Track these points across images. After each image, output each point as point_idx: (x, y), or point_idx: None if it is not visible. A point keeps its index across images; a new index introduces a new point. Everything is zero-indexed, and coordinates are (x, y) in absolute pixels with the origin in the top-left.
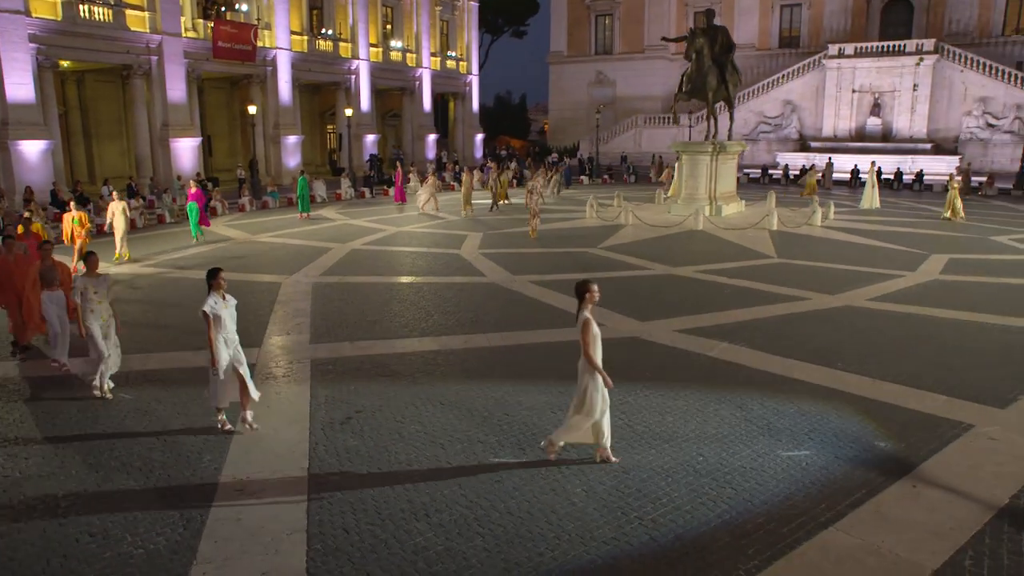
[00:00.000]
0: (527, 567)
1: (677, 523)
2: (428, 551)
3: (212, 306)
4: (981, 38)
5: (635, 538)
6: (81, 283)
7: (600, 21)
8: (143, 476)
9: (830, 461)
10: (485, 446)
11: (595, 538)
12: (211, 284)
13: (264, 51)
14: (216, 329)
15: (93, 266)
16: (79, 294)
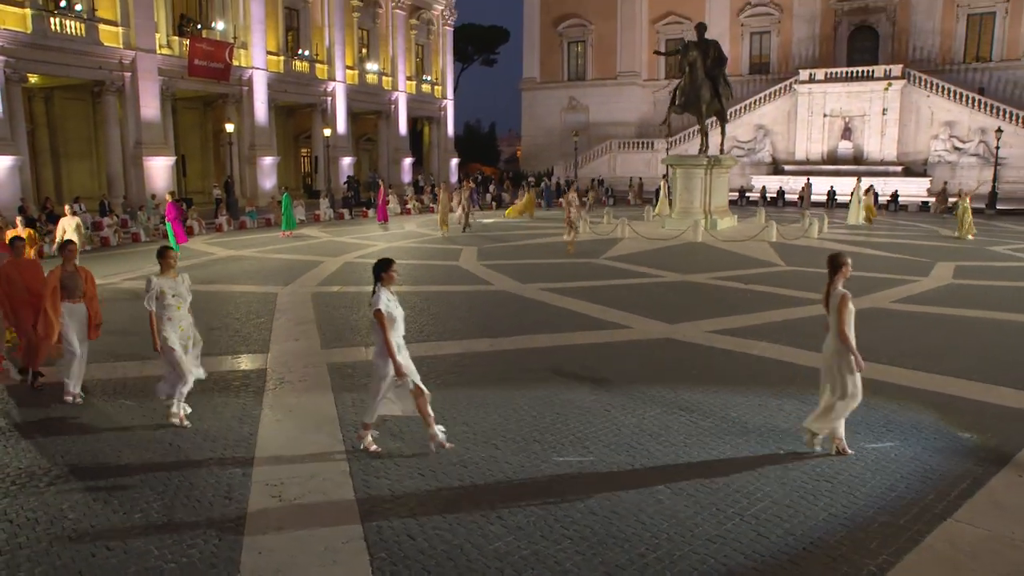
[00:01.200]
0: (631, 570)
1: (782, 518)
2: (512, 556)
3: (386, 304)
4: (943, 65)
5: (741, 535)
6: (157, 285)
7: (572, 48)
8: (160, 487)
9: (919, 452)
10: (543, 445)
11: (696, 536)
12: (381, 277)
13: (240, 70)
14: (392, 331)
15: (169, 265)
16: (153, 299)
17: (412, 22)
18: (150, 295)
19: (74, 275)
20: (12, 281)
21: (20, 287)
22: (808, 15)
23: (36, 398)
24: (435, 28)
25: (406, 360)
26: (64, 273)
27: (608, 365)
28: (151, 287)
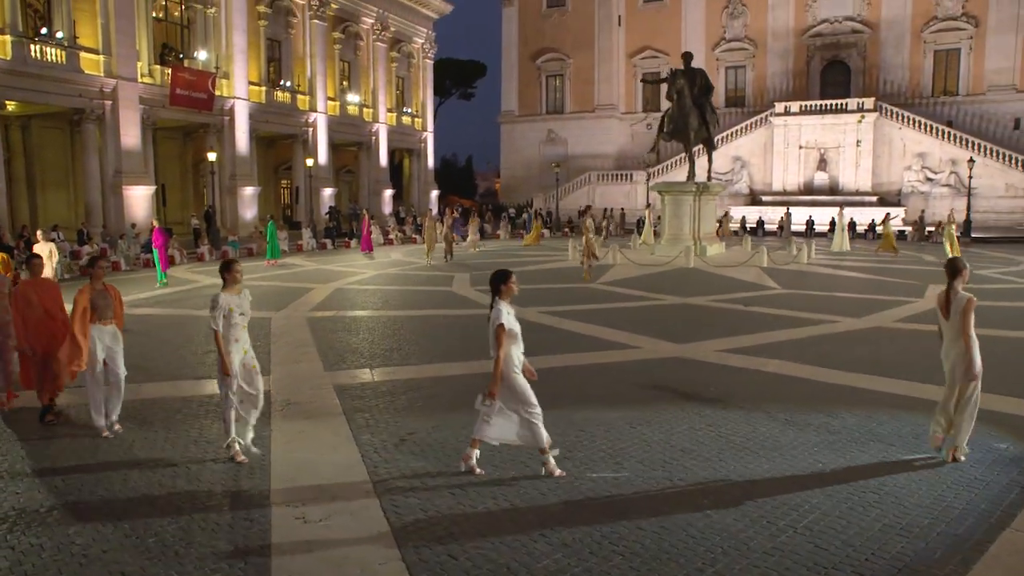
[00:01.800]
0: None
1: (836, 529)
2: (564, 574)
3: (507, 317)
4: (913, 99)
5: (798, 547)
6: (225, 302)
7: (551, 81)
8: (165, 504)
9: (962, 464)
10: (574, 463)
11: (752, 549)
12: (500, 290)
13: (222, 100)
14: (515, 346)
15: (235, 279)
16: (220, 318)
17: (393, 55)
18: (217, 313)
19: (104, 293)
20: (30, 303)
21: (38, 309)
22: (781, 50)
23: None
24: (415, 61)
25: (521, 381)
26: (94, 292)
27: (622, 383)
28: (218, 304)
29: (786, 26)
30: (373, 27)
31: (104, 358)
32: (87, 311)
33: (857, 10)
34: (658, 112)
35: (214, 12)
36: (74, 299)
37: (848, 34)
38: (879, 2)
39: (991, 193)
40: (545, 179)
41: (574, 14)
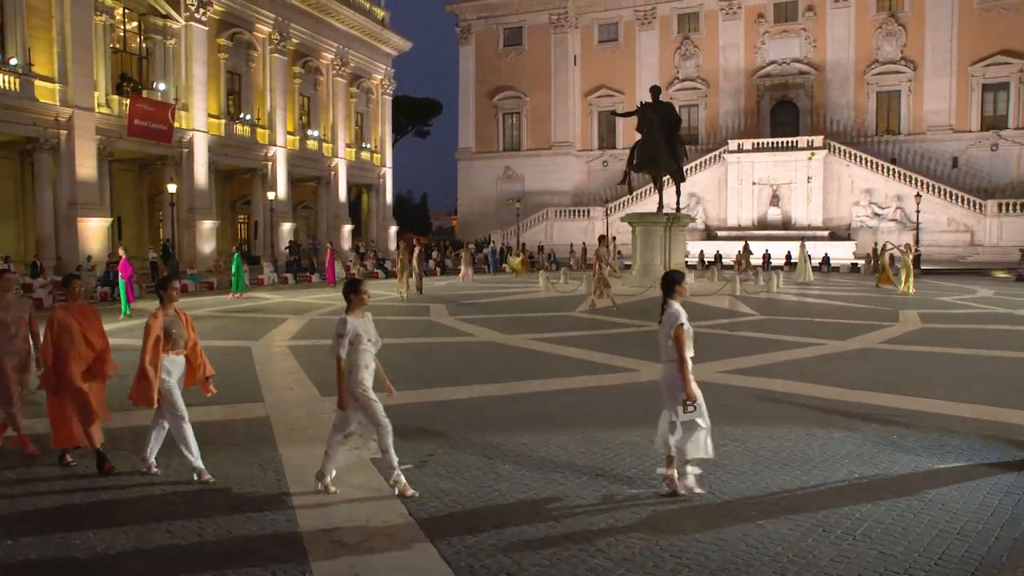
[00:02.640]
0: None
1: (894, 535)
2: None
3: (684, 317)
4: (858, 137)
5: (863, 554)
6: (352, 326)
7: (507, 119)
8: (189, 532)
9: (989, 469)
10: (609, 479)
11: (819, 557)
12: (674, 291)
13: (180, 132)
14: (688, 348)
15: (362, 301)
16: (346, 344)
17: (352, 90)
18: (344, 340)
19: (176, 320)
20: (68, 329)
21: (77, 337)
22: (733, 90)
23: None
24: (375, 97)
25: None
26: (167, 318)
27: (633, 404)
28: (346, 329)
29: (737, 67)
30: (333, 62)
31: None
32: (160, 340)
33: (804, 53)
34: (614, 149)
35: (174, 43)
36: (146, 325)
37: (796, 75)
38: (824, 45)
39: (935, 227)
40: (502, 215)
41: (531, 53)
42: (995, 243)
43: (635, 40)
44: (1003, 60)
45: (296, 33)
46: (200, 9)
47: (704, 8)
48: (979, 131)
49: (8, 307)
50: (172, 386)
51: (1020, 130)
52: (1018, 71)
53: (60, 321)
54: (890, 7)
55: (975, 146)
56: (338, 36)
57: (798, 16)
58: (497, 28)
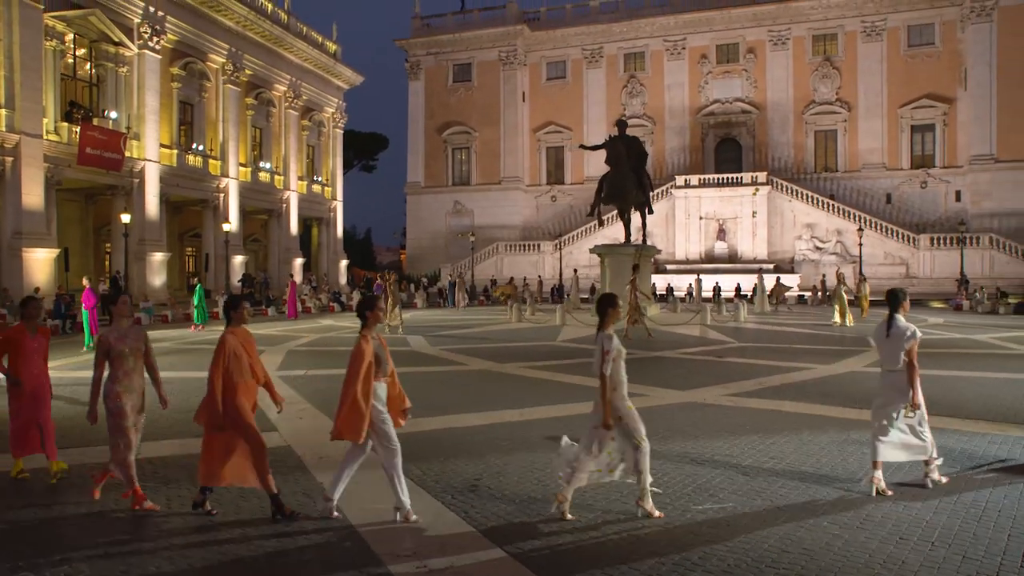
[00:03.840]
0: None
1: (975, 537)
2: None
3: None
4: (799, 174)
5: (949, 563)
6: (617, 344)
7: (457, 154)
8: (264, 565)
9: (1014, 476)
10: (670, 497)
11: (908, 563)
12: (903, 305)
13: (132, 162)
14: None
15: (618, 316)
16: (610, 362)
17: (304, 123)
18: (609, 356)
19: (381, 345)
20: (239, 358)
21: (246, 368)
22: (678, 127)
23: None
24: (326, 130)
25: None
26: (375, 342)
27: (658, 425)
28: (612, 346)
29: (682, 105)
30: (286, 95)
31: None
32: (372, 366)
33: (746, 92)
34: (562, 184)
35: (126, 71)
36: (355, 351)
37: (738, 114)
38: (764, 86)
39: (873, 260)
40: (452, 249)
41: (480, 89)
42: (928, 275)
43: (583, 78)
44: (929, 103)
45: (250, 64)
46: (154, 37)
47: (650, 48)
48: (910, 169)
49: (124, 336)
50: (387, 417)
51: (946, 169)
52: (942, 114)
53: (232, 348)
54: (825, 52)
55: (906, 183)
56: (291, 68)
57: (739, 58)
58: (447, 64)
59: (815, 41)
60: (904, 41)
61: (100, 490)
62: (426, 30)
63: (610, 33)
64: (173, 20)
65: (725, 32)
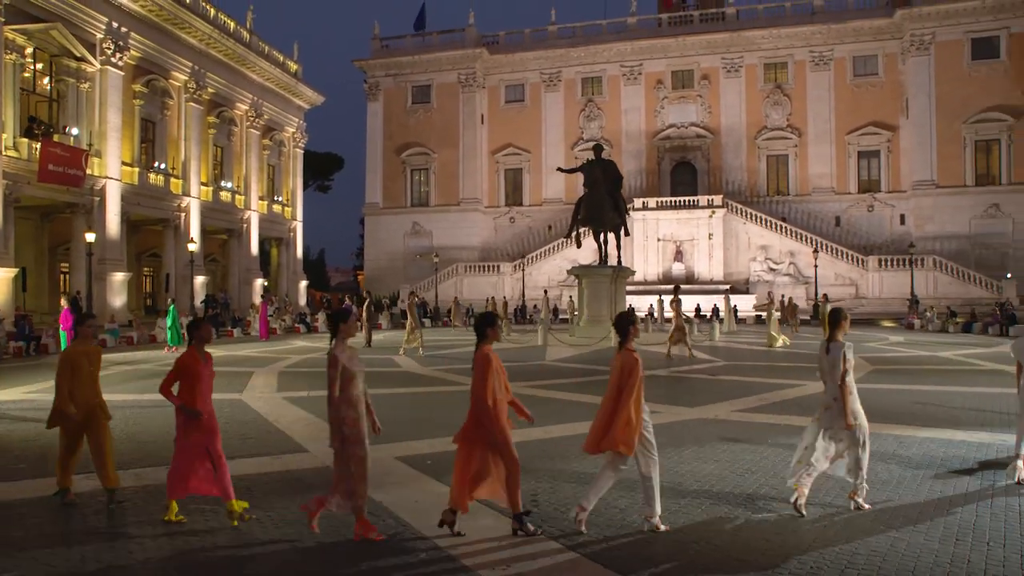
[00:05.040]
0: None
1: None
2: None
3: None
4: (752, 197)
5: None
6: (851, 350)
7: (415, 175)
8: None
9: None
10: (725, 506)
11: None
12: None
13: (92, 180)
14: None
15: (846, 328)
16: (850, 371)
17: (265, 142)
18: (850, 365)
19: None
20: (499, 373)
21: (503, 383)
22: (635, 151)
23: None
24: (287, 149)
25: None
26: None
27: (680, 440)
28: (850, 356)
29: (639, 129)
30: (248, 113)
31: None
32: (641, 382)
33: (700, 118)
34: (520, 206)
35: (87, 87)
36: (626, 366)
37: (693, 138)
38: (718, 112)
39: (824, 281)
40: (411, 270)
41: (439, 111)
42: (877, 295)
43: (541, 101)
44: (874, 131)
45: (212, 82)
46: (117, 53)
47: (607, 73)
48: (857, 193)
49: (354, 358)
50: (651, 427)
51: (891, 193)
52: (886, 141)
53: (497, 365)
54: (776, 79)
55: (854, 207)
56: (253, 87)
57: (694, 84)
58: (406, 85)
59: (766, 69)
60: (850, 71)
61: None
62: (385, 51)
63: (568, 58)
64: (136, 36)
65: (680, 59)
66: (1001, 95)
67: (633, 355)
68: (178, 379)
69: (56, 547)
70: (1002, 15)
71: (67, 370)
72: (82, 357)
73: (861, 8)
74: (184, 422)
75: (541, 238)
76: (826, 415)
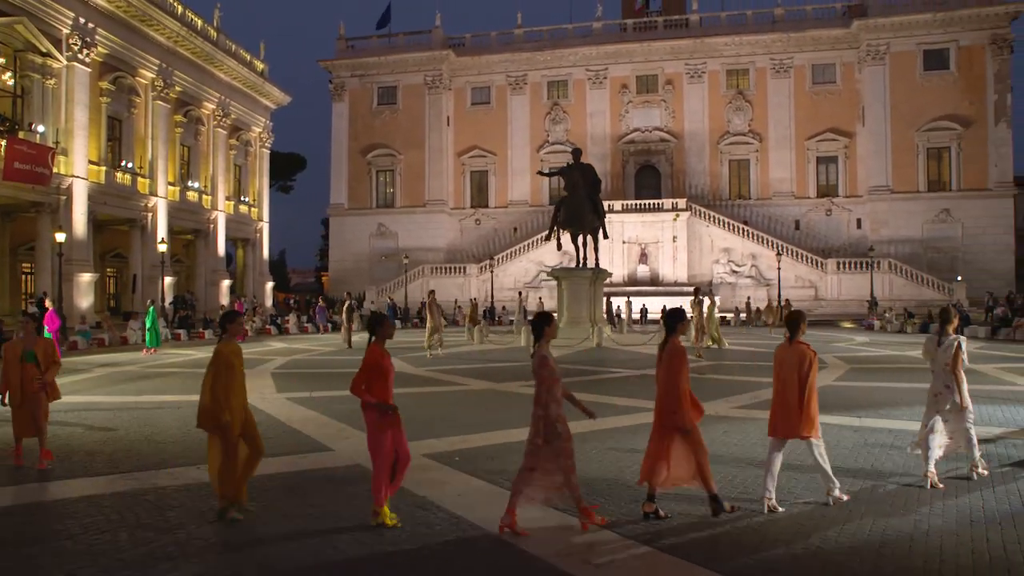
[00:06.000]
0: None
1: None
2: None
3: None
4: (715, 201)
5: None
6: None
7: (381, 176)
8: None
9: None
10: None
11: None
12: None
13: (59, 178)
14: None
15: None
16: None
17: (232, 142)
18: (965, 356)
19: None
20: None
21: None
22: (600, 154)
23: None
24: (253, 149)
25: None
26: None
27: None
28: (964, 348)
29: (603, 132)
30: (215, 113)
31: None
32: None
33: (664, 122)
34: (485, 208)
35: (53, 83)
36: (805, 358)
37: (657, 142)
38: (682, 116)
39: (784, 284)
40: (376, 271)
41: (405, 113)
42: (836, 297)
43: (507, 104)
44: (832, 137)
45: (179, 81)
46: (84, 50)
47: (572, 77)
48: (816, 198)
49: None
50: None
51: (848, 198)
52: (844, 147)
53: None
54: (738, 86)
55: (813, 211)
56: (220, 86)
57: (658, 89)
58: (371, 86)
59: (729, 75)
60: (809, 79)
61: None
62: (351, 52)
63: (534, 61)
64: (104, 32)
65: (645, 64)
66: (951, 105)
67: (807, 348)
68: (371, 377)
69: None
70: (952, 28)
71: (223, 370)
72: (235, 356)
73: (820, 18)
74: (377, 418)
75: (507, 240)
76: (937, 401)
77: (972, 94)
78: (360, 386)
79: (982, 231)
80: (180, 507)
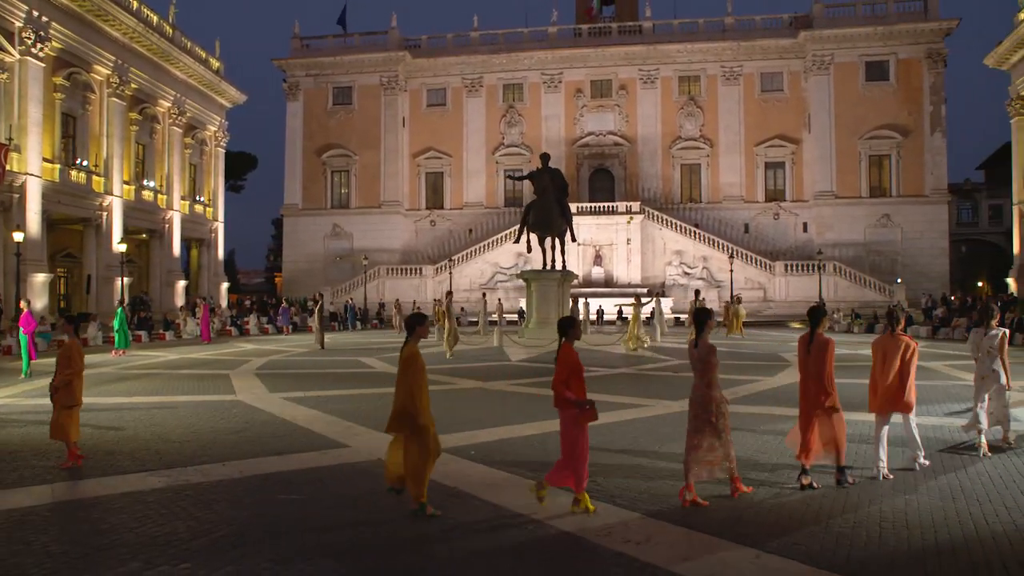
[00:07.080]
0: None
1: None
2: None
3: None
4: (667, 204)
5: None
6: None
7: (336, 176)
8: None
9: None
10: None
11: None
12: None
13: (12, 176)
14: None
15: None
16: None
17: (187, 141)
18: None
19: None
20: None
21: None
22: (555, 157)
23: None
24: (208, 148)
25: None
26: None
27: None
28: (1007, 334)
29: (559, 135)
30: (170, 111)
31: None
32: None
33: (618, 126)
34: (441, 209)
35: (6, 78)
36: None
37: (611, 146)
38: (635, 121)
39: (735, 285)
40: (331, 272)
41: (360, 113)
42: (784, 298)
43: (463, 106)
44: (780, 143)
45: (135, 77)
46: (37, 44)
47: (528, 80)
48: (764, 202)
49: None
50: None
51: (795, 203)
52: (791, 153)
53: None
54: (690, 92)
55: (761, 215)
56: (176, 84)
57: (612, 94)
58: (327, 86)
59: (681, 82)
60: (758, 86)
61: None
62: (306, 51)
63: (490, 64)
64: (58, 27)
65: (599, 69)
66: (891, 115)
67: (909, 339)
68: (571, 375)
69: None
70: (891, 41)
71: (420, 373)
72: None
73: (768, 28)
74: (575, 415)
75: (462, 241)
76: (985, 384)
77: (910, 105)
78: (561, 384)
79: (919, 235)
80: (223, 501)
